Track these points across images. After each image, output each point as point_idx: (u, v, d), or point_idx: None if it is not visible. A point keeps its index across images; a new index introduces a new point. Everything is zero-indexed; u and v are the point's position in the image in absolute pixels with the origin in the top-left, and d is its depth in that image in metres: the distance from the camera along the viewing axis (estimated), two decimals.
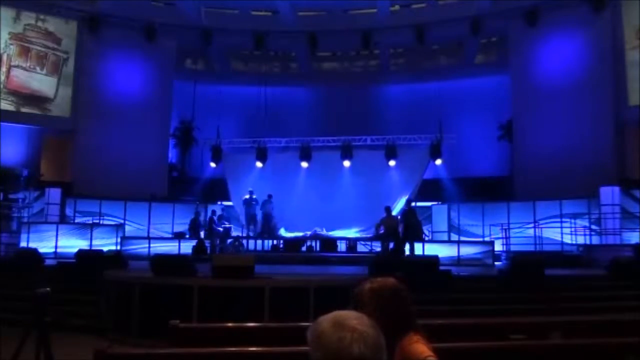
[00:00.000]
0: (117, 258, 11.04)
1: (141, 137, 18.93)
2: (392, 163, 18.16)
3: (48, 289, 4.25)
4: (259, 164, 18.87)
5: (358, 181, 18.33)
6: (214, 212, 17.41)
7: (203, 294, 7.42)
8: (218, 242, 16.46)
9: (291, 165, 18.75)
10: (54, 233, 15.08)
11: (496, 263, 14.32)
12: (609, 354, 3.61)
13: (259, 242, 17.70)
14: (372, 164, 18.29)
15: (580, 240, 15.30)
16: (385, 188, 18.15)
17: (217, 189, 19.79)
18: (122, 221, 17.12)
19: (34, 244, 14.08)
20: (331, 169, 18.50)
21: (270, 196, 17.50)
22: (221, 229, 16.83)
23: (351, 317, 1.37)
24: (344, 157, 18.39)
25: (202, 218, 17.12)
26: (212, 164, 19.32)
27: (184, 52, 21.85)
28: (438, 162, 18.12)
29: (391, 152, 18.06)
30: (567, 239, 15.65)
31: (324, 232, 17.67)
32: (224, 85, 20.86)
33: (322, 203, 18.11)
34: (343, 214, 17.81)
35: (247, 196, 17.43)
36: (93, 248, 14.45)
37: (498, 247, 15.37)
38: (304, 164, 18.66)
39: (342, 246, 17.56)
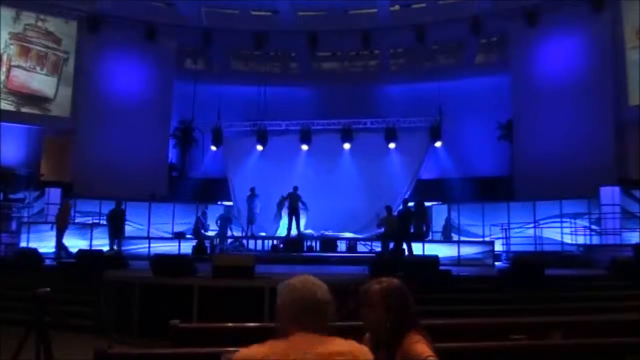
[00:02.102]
0: (117, 258, 11.04)
1: (141, 137, 18.92)
2: (392, 145, 18.28)
3: (48, 289, 4.25)
4: (259, 147, 18.96)
5: (358, 165, 18.50)
6: (203, 213, 17.34)
7: (203, 294, 7.42)
8: (217, 242, 16.45)
9: (291, 148, 18.85)
10: (54, 233, 15.07)
11: (496, 263, 14.32)
12: (609, 354, 3.61)
13: (259, 242, 17.70)
14: (372, 147, 18.40)
15: (581, 240, 15.29)
16: (386, 173, 18.32)
17: (217, 189, 19.79)
18: None
19: (34, 244, 14.07)
20: (331, 152, 18.64)
21: (296, 188, 16.55)
22: (204, 231, 16.72)
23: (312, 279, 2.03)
24: (344, 140, 18.52)
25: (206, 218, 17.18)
26: (213, 147, 19.41)
27: (184, 52, 21.84)
28: (438, 144, 18.31)
29: (391, 135, 18.20)
30: (567, 239, 15.64)
31: (330, 233, 17.65)
32: (224, 85, 20.83)
33: (323, 186, 18.20)
34: (344, 198, 17.87)
35: (250, 193, 17.35)
36: (93, 248, 14.45)
37: (498, 247, 15.36)
38: (304, 147, 18.78)
39: (342, 246, 17.56)
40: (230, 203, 19.38)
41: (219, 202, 19.41)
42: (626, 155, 16.42)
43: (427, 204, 18.13)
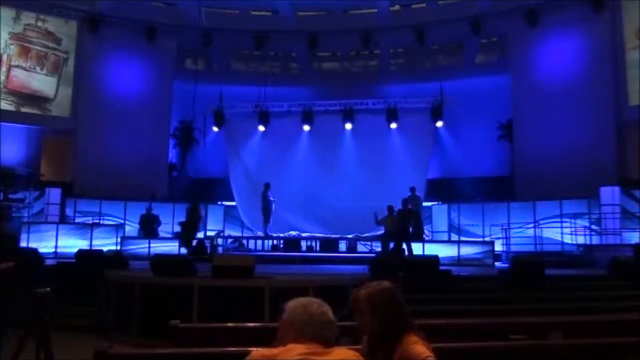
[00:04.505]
0: (117, 258, 11.03)
1: (141, 137, 18.92)
2: (393, 126, 18.51)
3: (48, 289, 4.25)
4: (261, 128, 19.17)
5: (360, 148, 18.74)
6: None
7: (203, 294, 7.42)
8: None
9: (293, 129, 19.10)
10: (54, 233, 15.08)
11: (496, 263, 14.32)
12: (609, 354, 3.61)
13: (259, 241, 17.71)
14: (374, 129, 18.64)
15: (581, 240, 15.30)
16: (390, 158, 18.56)
17: (217, 189, 19.78)
18: (122, 221, 17.11)
19: (34, 244, 14.07)
20: (333, 134, 18.89)
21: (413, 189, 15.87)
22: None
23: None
24: (345, 121, 18.78)
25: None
26: (215, 128, 19.63)
27: (184, 52, 21.83)
28: (439, 124, 18.54)
29: (392, 115, 18.51)
30: (567, 239, 15.65)
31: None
32: (224, 85, 20.83)
33: (324, 173, 18.46)
34: (345, 184, 17.93)
35: (264, 189, 17.23)
36: (93, 248, 14.45)
37: (498, 247, 15.37)
38: (306, 127, 19.00)
39: (342, 246, 17.57)
40: (231, 203, 19.39)
41: (219, 202, 19.41)
42: (626, 155, 16.42)
43: (426, 204, 18.20)
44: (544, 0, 17.81)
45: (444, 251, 14.03)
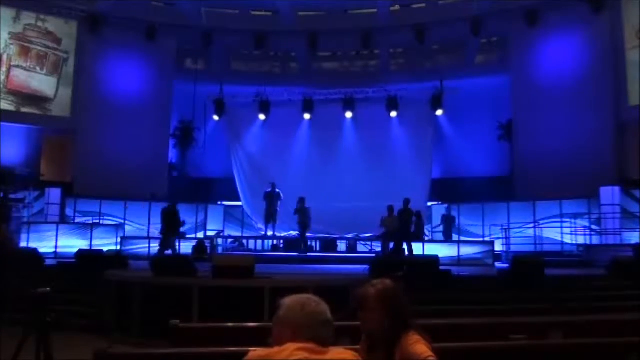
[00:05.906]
0: (117, 258, 11.03)
1: (141, 137, 18.92)
2: (393, 114, 18.62)
3: (48, 289, 4.25)
4: (261, 117, 19.34)
5: (361, 141, 18.84)
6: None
7: (203, 294, 7.42)
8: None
9: (293, 118, 19.25)
10: (54, 233, 15.08)
11: (496, 263, 14.33)
12: (609, 354, 3.61)
13: (259, 241, 17.72)
14: (374, 119, 18.80)
15: (581, 240, 15.31)
16: (391, 151, 18.67)
17: (217, 189, 19.78)
18: (122, 221, 17.11)
19: (34, 244, 14.08)
20: (333, 123, 19.05)
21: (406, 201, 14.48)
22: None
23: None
24: (346, 109, 18.97)
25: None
26: (215, 117, 19.81)
27: (184, 52, 21.84)
28: (439, 112, 18.67)
29: (392, 104, 18.68)
30: (568, 239, 15.66)
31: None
32: (224, 85, 20.83)
33: (324, 164, 18.59)
34: (346, 179, 18.04)
35: (270, 189, 17.03)
36: (93, 248, 14.45)
37: (498, 247, 15.38)
38: (307, 116, 19.14)
39: (342, 246, 17.57)
40: (231, 203, 19.38)
41: (219, 202, 19.42)
42: (626, 155, 16.42)
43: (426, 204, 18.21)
44: (544, 1, 17.82)
45: (444, 251, 14.04)
